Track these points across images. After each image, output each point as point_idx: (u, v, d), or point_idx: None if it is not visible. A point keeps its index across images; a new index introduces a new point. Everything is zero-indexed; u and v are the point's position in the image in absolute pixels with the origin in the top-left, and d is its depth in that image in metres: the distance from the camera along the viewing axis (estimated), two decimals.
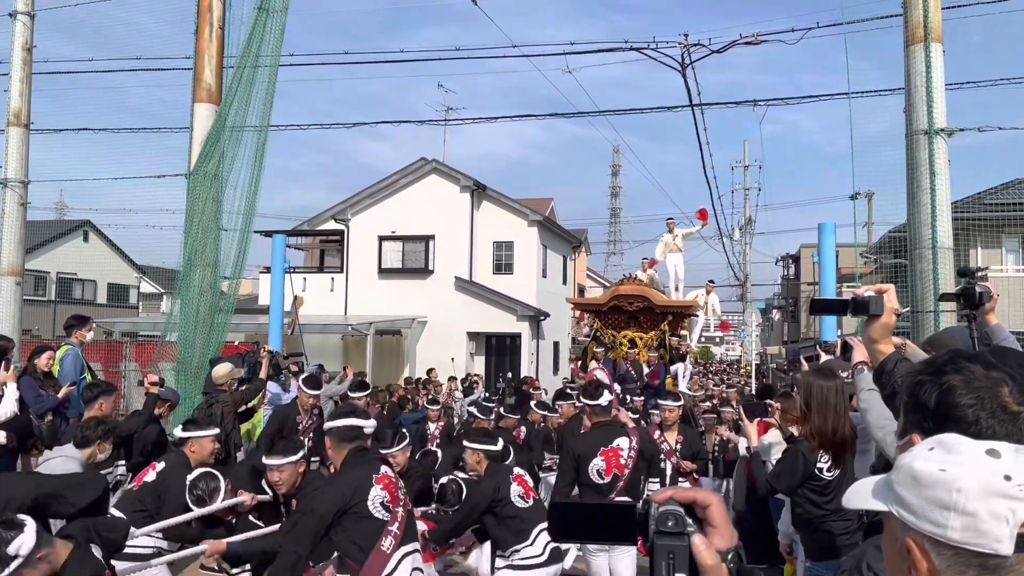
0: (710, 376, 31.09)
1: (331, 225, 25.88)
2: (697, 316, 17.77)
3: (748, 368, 31.21)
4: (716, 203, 24.91)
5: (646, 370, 13.51)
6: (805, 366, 6.01)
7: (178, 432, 5.33)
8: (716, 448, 9.09)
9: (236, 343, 13.63)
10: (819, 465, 4.21)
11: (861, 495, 1.18)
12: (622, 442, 5.45)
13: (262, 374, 7.43)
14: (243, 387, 7.34)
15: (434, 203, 24.69)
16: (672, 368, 13.94)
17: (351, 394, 7.48)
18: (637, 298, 15.03)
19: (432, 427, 9.44)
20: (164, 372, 9.34)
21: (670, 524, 1.02)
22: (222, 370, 7.31)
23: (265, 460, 4.40)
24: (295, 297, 11.78)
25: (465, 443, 5.34)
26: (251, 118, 9.35)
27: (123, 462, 6.54)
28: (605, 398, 5.63)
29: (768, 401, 6.75)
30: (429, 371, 18.77)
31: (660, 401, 9.11)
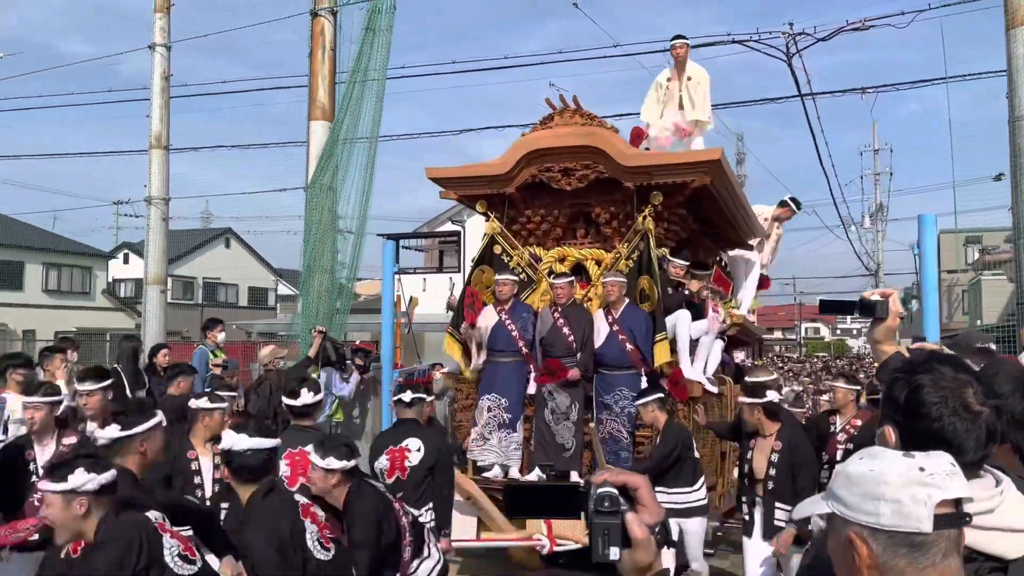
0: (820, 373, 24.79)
1: (449, 227, 26.72)
2: (751, 245, 8.44)
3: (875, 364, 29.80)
4: (837, 191, 23.67)
5: (604, 327, 6.15)
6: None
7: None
8: None
9: (358, 342, 14.45)
10: None
11: (809, 503, 1.38)
12: (412, 442, 4.82)
13: (311, 353, 7.96)
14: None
15: None
16: (669, 321, 6.16)
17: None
18: (579, 154, 6.36)
19: None
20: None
21: (606, 504, 1.18)
22: (265, 351, 8.20)
23: None
24: (411, 298, 12.37)
25: None
26: (361, 131, 9.98)
27: None
28: (408, 394, 4.95)
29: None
30: None
31: (641, 401, 5.57)
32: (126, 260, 36.72)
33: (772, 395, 5.24)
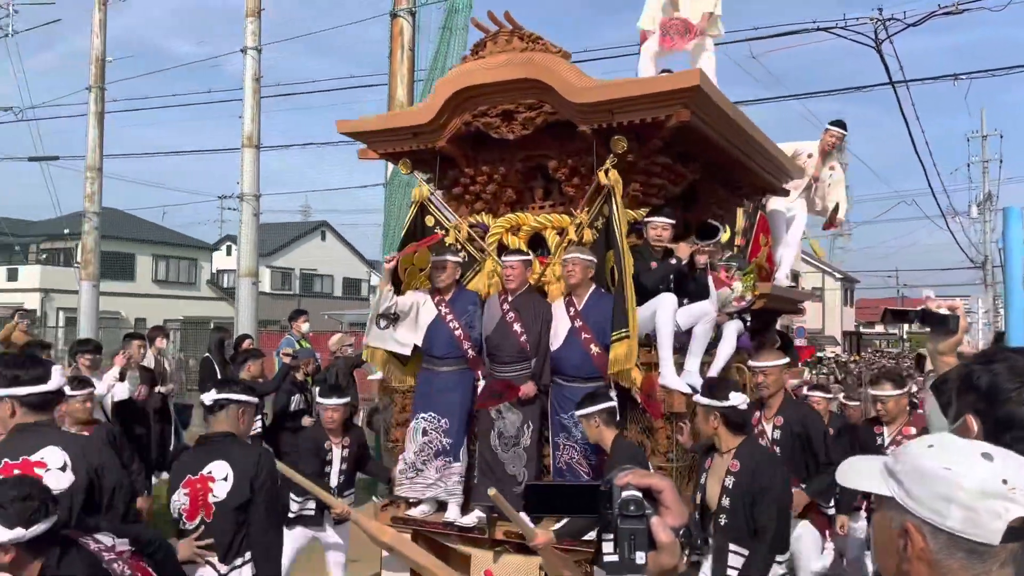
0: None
1: None
2: (786, 190, 6.54)
3: None
4: (937, 180, 22.59)
5: (564, 322, 4.53)
6: None
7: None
8: None
9: None
10: None
11: (861, 476, 1.30)
12: (217, 468, 3.35)
13: None
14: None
15: None
16: (645, 310, 4.49)
17: (322, 400, 5.43)
18: (518, 90, 4.66)
19: None
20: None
21: (631, 509, 1.16)
22: (333, 339, 8.94)
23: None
24: None
25: None
26: None
27: (258, 417, 7.58)
28: (212, 395, 3.55)
29: None
30: None
31: (582, 411, 4.11)
32: (228, 252, 38.44)
33: (737, 399, 3.84)
